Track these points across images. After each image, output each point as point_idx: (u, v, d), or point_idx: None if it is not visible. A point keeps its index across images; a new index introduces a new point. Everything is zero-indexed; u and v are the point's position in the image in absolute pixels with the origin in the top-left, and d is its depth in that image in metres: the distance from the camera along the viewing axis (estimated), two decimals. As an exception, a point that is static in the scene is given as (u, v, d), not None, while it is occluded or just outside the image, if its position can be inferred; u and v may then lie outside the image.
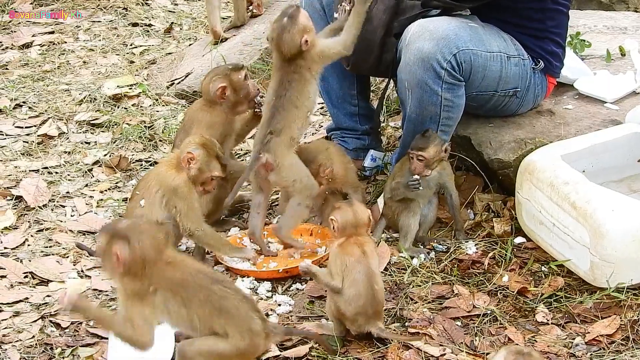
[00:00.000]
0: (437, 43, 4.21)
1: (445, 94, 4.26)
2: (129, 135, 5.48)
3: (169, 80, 6.11)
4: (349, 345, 3.78)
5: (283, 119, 4.23)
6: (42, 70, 6.43)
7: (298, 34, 4.18)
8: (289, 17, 4.20)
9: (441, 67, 4.22)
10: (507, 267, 4.21)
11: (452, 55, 4.21)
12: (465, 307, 3.96)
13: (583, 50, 5.08)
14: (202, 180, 4.18)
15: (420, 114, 4.34)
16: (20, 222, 4.70)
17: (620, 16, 5.74)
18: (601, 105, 4.70)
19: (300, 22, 4.19)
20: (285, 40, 4.18)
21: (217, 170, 4.20)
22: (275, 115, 4.23)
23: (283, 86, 4.24)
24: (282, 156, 4.24)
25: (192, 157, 4.14)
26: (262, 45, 6.01)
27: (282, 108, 4.23)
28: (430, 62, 4.21)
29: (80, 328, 3.91)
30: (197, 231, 4.19)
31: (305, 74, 4.24)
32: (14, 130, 5.63)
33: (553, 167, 4.11)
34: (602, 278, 3.91)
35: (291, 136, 4.26)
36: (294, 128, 4.26)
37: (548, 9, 4.45)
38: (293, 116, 4.24)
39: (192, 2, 7.51)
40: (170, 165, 4.22)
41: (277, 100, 4.24)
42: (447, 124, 4.39)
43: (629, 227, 3.86)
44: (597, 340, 3.75)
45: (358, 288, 3.66)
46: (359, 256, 3.70)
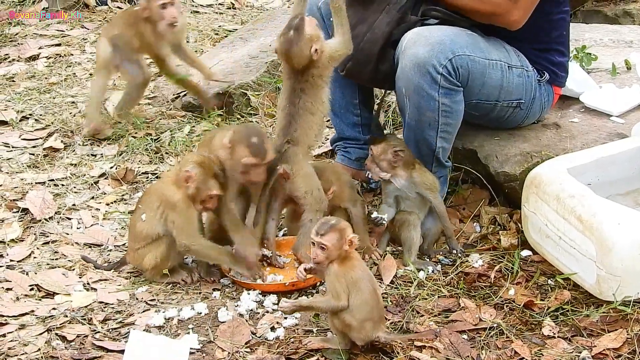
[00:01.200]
0: (432, 48, 4.22)
1: (442, 99, 4.26)
2: (135, 148, 5.49)
3: (174, 93, 6.12)
4: (355, 358, 3.77)
5: (300, 127, 4.24)
6: (48, 82, 6.45)
7: (306, 45, 4.17)
8: (295, 29, 4.18)
9: (437, 72, 4.22)
10: (514, 280, 4.20)
11: (448, 60, 4.22)
12: (471, 320, 3.96)
13: (590, 64, 5.09)
14: (200, 198, 4.19)
15: (418, 120, 4.34)
16: (26, 234, 4.70)
17: (625, 30, 5.75)
18: (607, 119, 4.71)
19: (308, 33, 4.18)
20: (295, 53, 4.18)
21: (215, 189, 4.19)
22: (292, 124, 4.24)
23: (296, 94, 4.24)
24: (299, 165, 4.25)
25: (189, 175, 4.14)
26: (268, 58, 6.01)
27: (297, 115, 4.23)
28: (426, 67, 4.22)
29: (86, 341, 3.91)
30: (193, 245, 4.20)
31: (317, 81, 4.24)
32: (20, 142, 5.64)
33: (559, 181, 4.11)
34: (609, 291, 3.90)
35: (308, 144, 4.30)
36: (311, 135, 4.28)
37: (554, 20, 4.47)
38: (310, 123, 4.25)
39: (198, 15, 7.52)
40: (170, 181, 4.24)
41: (292, 107, 4.24)
42: (447, 130, 4.39)
43: (635, 240, 3.85)
44: (603, 354, 3.74)
45: (364, 296, 3.67)
46: (357, 266, 3.72)
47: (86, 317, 4.07)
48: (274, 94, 5.77)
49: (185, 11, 7.53)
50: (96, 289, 4.26)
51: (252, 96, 5.77)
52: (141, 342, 3.78)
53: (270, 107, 5.71)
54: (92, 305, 4.16)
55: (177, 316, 4.08)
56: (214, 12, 7.58)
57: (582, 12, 6.81)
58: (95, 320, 4.05)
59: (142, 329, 3.99)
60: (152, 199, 4.25)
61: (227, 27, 6.91)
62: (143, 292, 4.26)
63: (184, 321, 4.05)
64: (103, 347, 3.87)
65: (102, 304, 4.18)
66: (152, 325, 4.02)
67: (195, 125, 5.75)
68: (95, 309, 4.14)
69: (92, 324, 4.03)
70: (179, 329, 4.01)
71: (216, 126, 5.65)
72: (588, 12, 6.77)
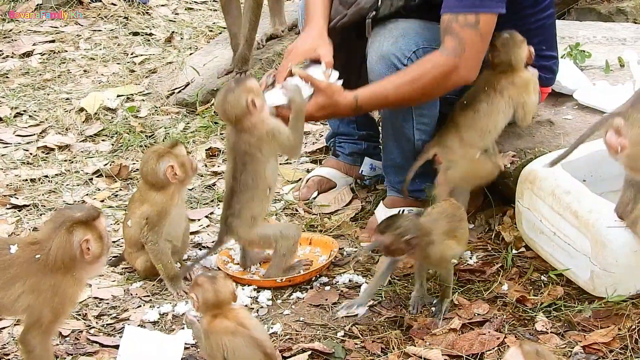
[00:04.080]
0: (395, 40, 4.21)
1: None
2: (130, 145, 5.49)
3: (169, 90, 6.12)
4: (349, 353, 3.78)
5: (240, 201, 4.09)
6: (42, 79, 6.45)
7: (243, 95, 3.96)
8: (236, 80, 4.06)
9: (401, 63, 4.19)
10: (507, 276, 4.21)
11: (412, 52, 4.19)
12: (465, 315, 3.97)
13: (583, 61, 5.09)
14: (191, 172, 4.25)
15: (392, 113, 4.33)
16: (19, 230, 4.70)
17: (619, 27, 5.76)
18: (600, 116, 4.71)
19: (248, 84, 4.02)
20: (230, 101, 3.98)
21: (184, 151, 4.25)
22: (233, 197, 4.11)
23: (237, 168, 4.09)
24: (247, 234, 4.15)
25: (172, 167, 4.17)
26: (262, 55, 6.02)
27: (238, 190, 4.10)
28: (390, 59, 4.20)
29: (81, 336, 3.92)
30: (153, 244, 4.20)
31: (256, 154, 4.05)
32: (14, 139, 5.64)
33: (554, 177, 4.12)
34: (602, 287, 3.92)
35: (252, 215, 4.13)
36: (254, 207, 4.12)
37: (531, 29, 4.39)
38: (251, 196, 4.10)
39: (192, 12, 7.53)
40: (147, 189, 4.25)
41: (234, 181, 4.10)
42: (423, 122, 4.37)
43: (630, 238, 3.86)
44: (596, 349, 3.75)
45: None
46: (235, 329, 3.44)
47: (81, 312, 4.07)
48: (268, 90, 5.77)
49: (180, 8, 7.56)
50: (91, 284, 4.26)
51: (247, 93, 5.77)
52: (136, 337, 3.78)
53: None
54: (87, 300, 4.16)
55: (171, 311, 4.09)
56: (208, 9, 7.58)
57: (575, 10, 6.81)
58: (90, 315, 4.06)
59: (136, 324, 4.00)
60: (135, 204, 4.28)
61: (221, 24, 6.91)
62: (137, 288, 4.27)
63: (179, 317, 4.06)
64: (98, 343, 3.88)
65: (97, 299, 4.18)
66: (146, 321, 4.03)
67: (190, 121, 5.76)
68: (90, 304, 4.14)
69: (86, 319, 4.04)
70: (174, 324, 4.02)
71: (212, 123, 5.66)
72: (582, 9, 6.78)
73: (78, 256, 3.39)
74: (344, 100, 4.07)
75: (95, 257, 3.44)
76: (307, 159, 5.35)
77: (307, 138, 5.52)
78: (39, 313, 3.39)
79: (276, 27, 6.25)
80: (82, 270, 3.45)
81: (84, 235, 3.40)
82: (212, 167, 5.31)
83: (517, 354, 2.94)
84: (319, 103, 4.07)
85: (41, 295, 3.38)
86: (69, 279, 3.41)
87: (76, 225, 3.41)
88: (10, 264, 3.40)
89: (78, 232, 3.40)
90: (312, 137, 5.56)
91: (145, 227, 4.20)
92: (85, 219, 3.44)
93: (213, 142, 5.53)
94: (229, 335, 3.42)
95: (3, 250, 3.42)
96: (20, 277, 3.39)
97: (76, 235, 3.39)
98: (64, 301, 3.41)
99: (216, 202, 4.93)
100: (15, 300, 3.38)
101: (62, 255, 3.38)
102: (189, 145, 5.45)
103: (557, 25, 4.60)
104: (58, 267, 3.38)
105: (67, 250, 3.38)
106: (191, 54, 6.57)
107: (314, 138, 5.55)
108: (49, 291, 3.38)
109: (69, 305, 3.47)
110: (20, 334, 3.46)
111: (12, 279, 3.38)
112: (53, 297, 3.38)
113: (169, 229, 4.26)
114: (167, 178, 4.16)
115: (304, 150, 5.36)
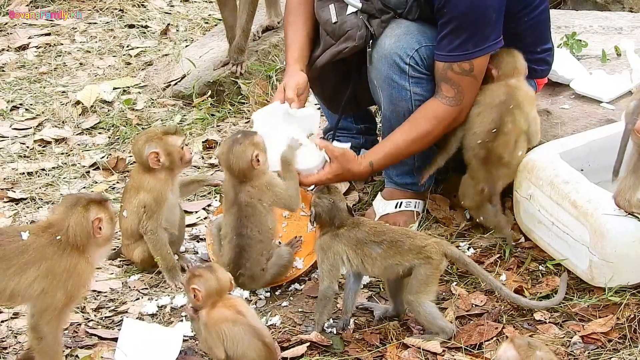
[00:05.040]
0: (398, 39, 4.22)
1: (414, 88, 4.25)
2: (126, 137, 5.48)
3: (165, 82, 6.11)
4: (347, 345, 3.79)
5: (250, 257, 4.08)
6: (38, 72, 6.43)
7: (249, 149, 4.00)
8: (243, 133, 4.08)
9: (404, 62, 4.22)
10: (505, 266, 4.21)
11: (414, 50, 4.21)
12: (463, 306, 3.97)
13: (580, 51, 5.08)
14: (178, 157, 4.23)
15: (393, 111, 4.34)
16: (17, 223, 4.69)
17: (615, 16, 5.75)
18: (597, 105, 4.71)
19: (255, 139, 4.05)
20: (237, 153, 4.01)
21: (179, 141, 4.24)
22: (243, 255, 4.08)
23: (242, 223, 4.06)
24: (259, 282, 4.15)
25: (156, 154, 4.17)
26: (258, 47, 6.01)
27: (247, 246, 4.07)
28: (393, 57, 4.22)
29: (79, 329, 3.92)
30: (152, 234, 4.20)
31: (257, 206, 4.06)
32: (11, 132, 5.63)
33: (553, 166, 4.12)
34: (601, 277, 3.92)
35: (261, 268, 4.11)
36: (263, 261, 4.11)
37: (524, 30, 4.39)
38: (260, 250, 4.09)
39: (188, 4, 7.51)
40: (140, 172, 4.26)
41: (240, 238, 4.07)
42: None
43: (629, 227, 3.87)
44: (594, 339, 3.76)
45: (246, 351, 3.47)
46: (235, 318, 3.49)
47: (79, 305, 4.06)
48: (264, 82, 5.77)
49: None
50: (89, 277, 4.26)
51: (243, 84, 5.77)
52: (134, 330, 3.79)
53: (260, 95, 5.71)
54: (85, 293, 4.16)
55: (170, 304, 4.09)
56: (204, 1, 7.55)
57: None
58: (89, 308, 4.07)
59: (135, 317, 4.00)
60: (130, 194, 4.27)
61: (217, 15, 6.88)
62: (136, 281, 4.27)
63: (177, 309, 4.06)
64: (96, 335, 3.88)
65: (95, 292, 4.19)
66: (145, 313, 4.04)
67: (186, 114, 5.75)
68: (89, 297, 4.14)
69: (85, 312, 4.04)
70: (172, 316, 4.02)
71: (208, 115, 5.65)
72: (578, -1, 6.77)
73: (92, 234, 3.46)
74: (359, 167, 4.26)
75: (105, 238, 3.51)
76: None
77: (305, 134, 5.52)
78: (53, 296, 3.43)
79: (272, 19, 6.23)
80: (93, 252, 3.50)
81: (97, 214, 3.47)
82: (209, 160, 5.30)
83: (509, 348, 2.98)
84: (334, 171, 4.21)
85: (56, 278, 3.42)
86: (83, 262, 3.46)
87: (91, 203, 3.49)
88: (25, 249, 3.43)
89: (93, 210, 3.47)
90: (310, 130, 5.55)
91: (144, 216, 4.19)
92: (98, 199, 3.53)
93: (210, 134, 5.52)
94: (229, 323, 3.46)
95: (15, 237, 3.45)
96: (35, 262, 3.42)
97: (92, 213, 3.47)
98: (78, 283, 3.46)
99: (213, 194, 4.93)
100: (30, 285, 3.41)
101: (80, 231, 3.44)
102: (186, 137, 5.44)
103: (553, 14, 4.59)
104: (76, 246, 3.44)
105: (85, 227, 3.45)
106: (187, 46, 6.55)
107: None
108: (64, 274, 3.43)
109: (83, 288, 3.52)
110: (31, 322, 3.48)
111: (27, 264, 3.41)
112: (68, 280, 3.43)
113: (167, 214, 4.25)
114: (152, 162, 4.17)
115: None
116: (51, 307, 3.43)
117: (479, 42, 4.11)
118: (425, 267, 3.74)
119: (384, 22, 4.26)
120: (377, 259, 3.76)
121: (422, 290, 3.74)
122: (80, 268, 3.45)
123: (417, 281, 3.74)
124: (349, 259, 3.79)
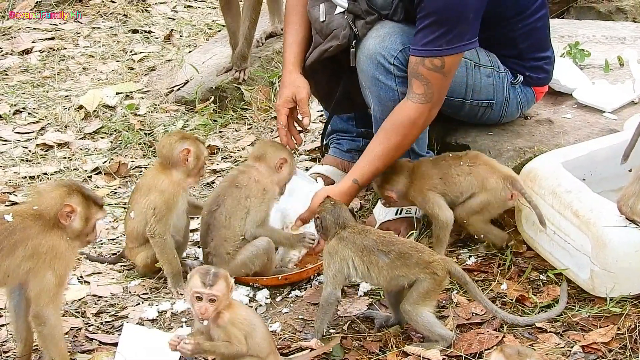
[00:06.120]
0: (382, 40, 4.22)
1: (400, 88, 4.24)
2: (129, 142, 5.49)
3: (168, 87, 6.12)
4: (347, 352, 3.78)
5: (214, 237, 4.12)
6: (41, 76, 6.44)
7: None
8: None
9: (388, 62, 4.22)
10: (506, 275, 4.21)
11: (398, 51, 4.21)
12: (463, 314, 3.96)
13: (583, 60, 5.09)
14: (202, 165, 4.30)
15: (382, 111, 4.33)
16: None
17: (618, 26, 5.76)
18: (600, 115, 4.72)
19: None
20: None
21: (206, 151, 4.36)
22: (209, 233, 4.13)
23: (217, 201, 4.13)
24: (228, 265, 4.10)
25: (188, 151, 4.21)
26: (261, 53, 6.02)
27: (212, 226, 4.12)
28: (377, 58, 4.22)
29: (80, 334, 3.92)
30: (160, 238, 4.18)
31: (241, 196, 4.13)
32: (14, 136, 5.64)
33: (555, 175, 4.12)
34: (602, 287, 3.91)
35: (226, 252, 4.13)
36: (227, 246, 4.13)
37: (517, 35, 4.41)
38: (223, 235, 4.12)
39: (192, 9, 7.52)
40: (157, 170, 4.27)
41: (209, 215, 4.13)
42: None
43: (631, 237, 3.86)
44: (595, 349, 3.75)
45: (260, 331, 3.51)
46: (245, 309, 3.61)
47: (80, 310, 4.07)
48: (267, 89, 5.78)
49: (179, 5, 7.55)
50: (89, 282, 4.27)
51: (246, 90, 5.78)
52: (134, 335, 3.78)
53: (263, 101, 5.72)
54: (86, 298, 4.17)
55: (170, 309, 4.09)
56: (208, 7, 7.57)
57: (575, 9, 6.81)
58: (89, 313, 4.07)
59: (135, 322, 4.00)
60: (140, 193, 4.26)
61: (220, 21, 6.90)
62: (136, 286, 4.26)
63: (177, 314, 4.06)
64: (96, 340, 3.88)
65: (96, 297, 4.19)
66: (145, 319, 4.03)
67: (189, 119, 5.75)
68: (89, 302, 4.14)
69: (85, 317, 4.04)
70: (172, 322, 4.02)
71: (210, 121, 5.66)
72: (581, 8, 6.78)
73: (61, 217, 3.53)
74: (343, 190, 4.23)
75: (73, 231, 3.57)
76: (305, 157, 5.35)
77: (306, 136, 5.52)
78: (43, 278, 3.49)
79: (275, 25, 6.24)
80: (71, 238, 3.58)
81: (73, 203, 3.56)
82: (211, 165, 5.30)
83: (499, 357, 2.98)
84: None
85: (41, 258, 3.48)
86: (64, 243, 3.53)
87: (76, 192, 3.58)
88: (12, 231, 3.49)
89: (73, 198, 3.57)
90: (311, 134, 5.55)
91: (153, 219, 4.17)
92: (87, 194, 3.62)
93: (212, 140, 5.53)
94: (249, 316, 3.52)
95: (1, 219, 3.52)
96: (21, 242, 3.48)
97: (69, 199, 3.56)
98: (63, 264, 3.52)
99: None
100: (18, 265, 3.48)
101: (50, 209, 3.52)
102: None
103: (556, 24, 4.60)
104: (51, 223, 3.52)
105: (53, 206, 3.53)
106: (190, 52, 6.56)
107: (313, 136, 5.55)
108: (49, 254, 3.50)
109: (69, 268, 3.59)
110: (33, 312, 3.52)
111: (15, 244, 3.48)
112: (53, 260, 3.50)
113: (175, 221, 4.24)
114: (179, 158, 4.19)
115: (302, 149, 5.36)
116: (45, 290, 3.50)
117: (453, 40, 4.09)
118: (428, 282, 3.74)
119: (368, 24, 4.27)
120: (383, 268, 3.76)
121: (420, 303, 3.74)
122: (62, 248, 3.53)
123: (417, 293, 3.74)
124: (354, 266, 3.79)
